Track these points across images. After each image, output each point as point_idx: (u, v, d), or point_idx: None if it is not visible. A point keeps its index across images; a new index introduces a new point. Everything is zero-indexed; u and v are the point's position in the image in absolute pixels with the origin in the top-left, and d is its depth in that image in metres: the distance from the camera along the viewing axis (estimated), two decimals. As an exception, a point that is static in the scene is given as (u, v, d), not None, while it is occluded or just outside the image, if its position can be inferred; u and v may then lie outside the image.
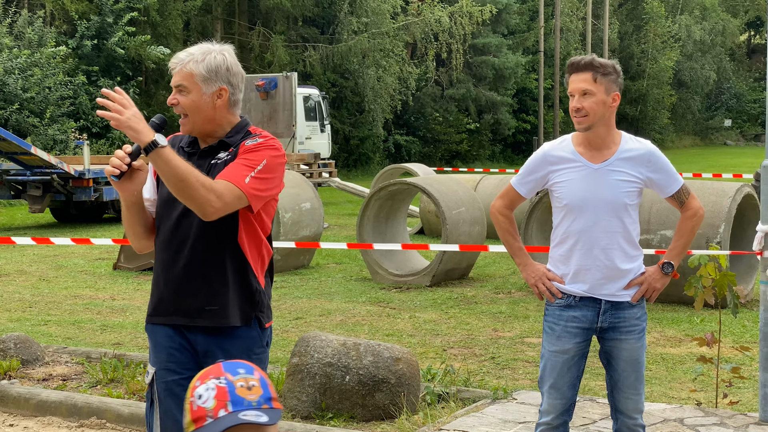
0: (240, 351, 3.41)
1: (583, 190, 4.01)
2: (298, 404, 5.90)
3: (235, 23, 38.74)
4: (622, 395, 4.11)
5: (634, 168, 4.04)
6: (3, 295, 11.01)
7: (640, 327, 4.09)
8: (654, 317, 9.22)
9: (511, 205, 4.28)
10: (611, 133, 4.06)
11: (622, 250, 4.05)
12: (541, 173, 4.14)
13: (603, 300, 4.04)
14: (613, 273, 4.03)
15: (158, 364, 3.46)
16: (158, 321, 3.48)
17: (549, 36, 49.15)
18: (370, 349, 5.90)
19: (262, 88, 25.26)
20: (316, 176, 23.03)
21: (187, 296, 3.41)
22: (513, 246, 4.26)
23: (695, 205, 4.19)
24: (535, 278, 4.15)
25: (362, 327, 8.98)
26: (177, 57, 3.45)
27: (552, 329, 4.12)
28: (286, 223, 12.41)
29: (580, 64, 4.01)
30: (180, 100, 3.41)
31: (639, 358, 4.09)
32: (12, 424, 6.17)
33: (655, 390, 6.67)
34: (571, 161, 4.06)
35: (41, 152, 18.20)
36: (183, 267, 3.40)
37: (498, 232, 4.32)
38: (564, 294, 4.09)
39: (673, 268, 4.12)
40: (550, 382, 4.12)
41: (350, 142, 38.74)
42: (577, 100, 4.00)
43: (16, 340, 7.39)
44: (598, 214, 4.01)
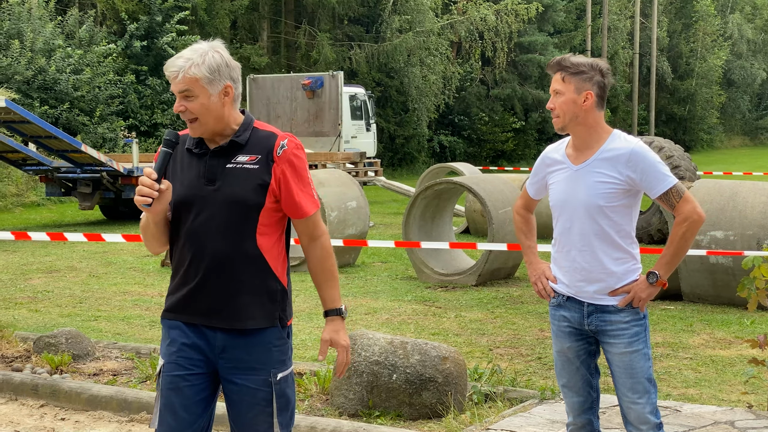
0: (260, 348, 3.43)
1: (563, 192, 4.03)
2: (345, 402, 5.92)
3: (281, 22, 38.92)
4: (622, 402, 4.03)
5: (614, 168, 3.93)
6: (54, 291, 11.16)
7: (629, 332, 3.97)
8: (704, 319, 9.13)
9: (526, 205, 4.35)
10: (593, 133, 3.97)
11: (602, 252, 3.96)
12: (542, 175, 4.20)
13: (585, 302, 4.03)
14: (590, 275, 3.98)
15: (167, 357, 3.47)
16: (175, 317, 3.48)
17: (596, 35, 48.80)
18: (417, 348, 5.90)
19: (308, 87, 25.37)
20: (361, 175, 23.06)
21: (206, 296, 3.41)
22: (524, 244, 4.34)
23: (687, 209, 3.95)
24: (535, 276, 4.21)
25: (408, 326, 8.99)
26: (174, 64, 3.37)
27: (552, 329, 4.20)
28: (332, 222, 12.45)
29: (551, 64, 3.98)
30: (187, 106, 3.37)
31: (632, 364, 3.97)
32: (63, 418, 6.26)
33: (705, 392, 6.60)
34: (560, 163, 4.07)
35: (91, 150, 18.42)
36: (202, 267, 3.39)
37: (515, 229, 4.44)
38: (556, 293, 4.13)
39: (659, 278, 3.95)
40: (562, 381, 4.17)
41: (395, 141, 38.75)
42: (550, 101, 3.99)
43: (67, 335, 7.49)
44: (574, 216, 3.99)
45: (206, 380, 3.47)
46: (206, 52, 3.38)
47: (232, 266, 3.39)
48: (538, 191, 4.26)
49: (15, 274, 12.56)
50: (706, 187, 10.16)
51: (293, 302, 3.79)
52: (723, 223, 9.62)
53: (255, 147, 3.43)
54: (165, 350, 3.49)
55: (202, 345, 3.43)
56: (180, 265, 3.45)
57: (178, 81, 3.35)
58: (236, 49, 35.35)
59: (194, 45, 3.43)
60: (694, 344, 8.10)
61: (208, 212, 3.36)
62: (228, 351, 3.42)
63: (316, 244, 3.52)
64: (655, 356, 7.62)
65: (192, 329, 3.44)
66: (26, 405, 6.52)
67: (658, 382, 6.84)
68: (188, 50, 3.40)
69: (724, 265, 9.62)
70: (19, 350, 7.66)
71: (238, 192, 3.36)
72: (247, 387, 3.42)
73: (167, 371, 3.45)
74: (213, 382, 3.49)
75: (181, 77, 3.33)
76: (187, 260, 3.41)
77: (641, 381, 3.97)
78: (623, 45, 51.18)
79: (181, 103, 3.37)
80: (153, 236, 3.48)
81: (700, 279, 9.86)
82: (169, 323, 3.49)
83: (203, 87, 3.35)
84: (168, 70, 3.37)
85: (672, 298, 10.12)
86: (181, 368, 3.43)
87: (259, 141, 3.44)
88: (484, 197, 11.44)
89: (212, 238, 3.37)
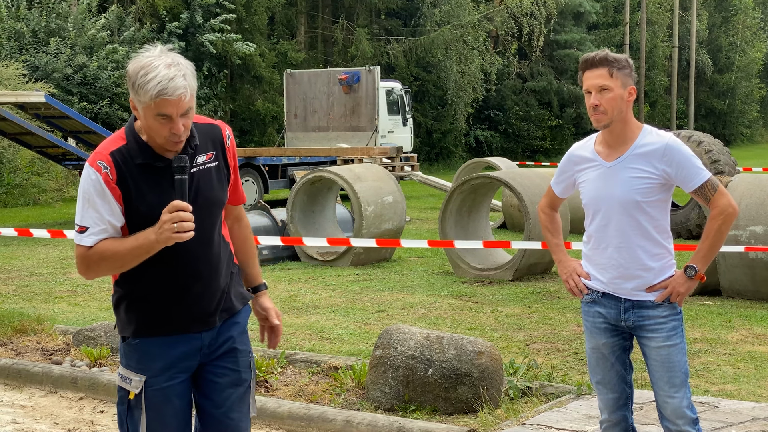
0: (242, 331, 3.53)
1: (597, 189, 4.01)
2: (381, 396, 5.93)
3: (318, 17, 38.99)
4: (659, 397, 4.03)
5: (649, 163, 3.93)
6: (93, 285, 11.27)
7: (667, 326, 3.99)
8: (743, 314, 9.04)
9: (551, 203, 4.33)
10: (627, 129, 3.98)
11: (640, 248, 3.97)
12: (569, 173, 4.18)
13: (622, 298, 4.03)
14: (628, 272, 3.99)
15: (150, 372, 3.35)
16: (165, 332, 3.36)
17: (635, 28, 48.42)
18: (453, 343, 5.90)
19: (344, 81, 25.39)
20: (398, 170, 23.04)
21: (205, 303, 3.38)
22: (551, 242, 4.32)
23: (723, 203, 3.97)
24: (566, 274, 4.19)
25: (444, 320, 8.99)
26: (173, 86, 3.12)
27: (585, 325, 4.18)
28: (368, 217, 12.46)
29: (595, 60, 3.92)
30: (185, 123, 3.21)
31: (671, 358, 3.99)
32: (102, 410, 6.33)
33: (744, 388, 6.54)
34: (591, 161, 4.05)
35: (130, 145, 18.57)
36: (196, 277, 3.34)
37: (541, 229, 4.43)
38: (589, 290, 4.11)
39: (697, 272, 3.97)
40: (597, 378, 4.17)
41: (432, 136, 38.73)
42: (594, 97, 3.91)
43: (106, 328, 7.56)
44: (610, 213, 3.98)
45: (189, 385, 3.46)
46: (181, 62, 3.21)
47: (219, 266, 3.41)
48: (565, 190, 4.25)
49: (55, 268, 12.71)
50: (745, 181, 10.05)
51: (330, 297, 3.82)
52: (763, 218, 9.52)
53: (206, 143, 3.37)
54: (143, 367, 3.37)
55: (188, 350, 3.39)
56: (159, 283, 3.33)
57: (186, 101, 3.17)
58: (273, 45, 35.49)
59: (163, 55, 3.20)
60: (732, 340, 8.03)
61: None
62: (215, 344, 3.44)
63: (242, 224, 3.64)
64: (693, 352, 7.56)
65: (177, 338, 3.37)
66: (65, 398, 6.60)
67: (697, 378, 6.79)
68: (167, 68, 3.16)
69: (763, 260, 9.52)
70: (59, 343, 7.75)
71: (213, 195, 3.36)
72: (233, 371, 3.47)
73: (155, 385, 3.35)
74: (192, 384, 3.48)
75: (189, 97, 3.18)
76: (173, 276, 3.32)
77: (678, 375, 3.98)
78: (662, 38, 50.73)
79: (182, 122, 3.19)
80: (138, 262, 3.25)
81: (739, 274, 9.77)
82: (148, 341, 3.37)
83: (193, 100, 3.24)
84: (168, 94, 3.12)
85: (711, 293, 10.03)
86: (171, 378, 3.38)
87: (206, 134, 3.38)
88: (520, 192, 11.40)
89: (200, 247, 3.32)
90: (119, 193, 3.22)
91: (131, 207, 3.24)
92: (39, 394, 6.72)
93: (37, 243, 15.34)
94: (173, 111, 3.15)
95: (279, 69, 32.48)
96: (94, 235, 3.23)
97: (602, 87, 3.89)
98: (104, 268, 3.27)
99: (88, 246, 3.24)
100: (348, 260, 12.50)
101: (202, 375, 3.46)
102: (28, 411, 6.37)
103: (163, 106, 3.14)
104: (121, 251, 3.21)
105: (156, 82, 3.12)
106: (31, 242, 15.47)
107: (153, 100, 3.13)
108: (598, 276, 4.07)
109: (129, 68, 3.22)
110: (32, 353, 7.53)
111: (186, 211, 3.15)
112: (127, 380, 3.38)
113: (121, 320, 3.42)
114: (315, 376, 6.65)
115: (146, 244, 3.19)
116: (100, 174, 3.21)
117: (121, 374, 3.42)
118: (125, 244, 3.22)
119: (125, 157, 3.24)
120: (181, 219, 3.13)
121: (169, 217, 3.14)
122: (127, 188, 3.22)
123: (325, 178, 12.92)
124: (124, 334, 3.42)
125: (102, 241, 3.24)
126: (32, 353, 7.53)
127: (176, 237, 3.14)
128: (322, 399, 6.17)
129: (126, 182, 3.23)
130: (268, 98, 33.94)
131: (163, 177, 3.25)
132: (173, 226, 3.13)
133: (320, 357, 7.04)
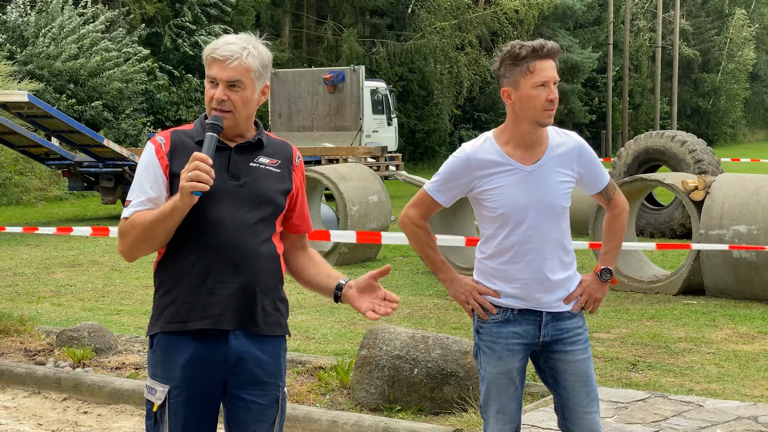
0: (273, 359, 3.28)
1: (519, 197, 3.58)
2: (367, 396, 5.92)
3: (303, 17, 38.94)
4: (575, 416, 3.69)
5: (567, 166, 3.64)
6: (76, 285, 11.22)
7: (583, 337, 3.71)
8: (726, 313, 9.07)
9: (426, 214, 3.78)
10: (543, 129, 3.64)
11: (560, 258, 3.66)
12: (465, 179, 3.65)
13: (543, 312, 3.65)
14: (551, 283, 3.64)
15: (173, 381, 3.17)
16: (186, 326, 3.16)
17: (618, 28, 48.58)
18: (438, 342, 5.90)
19: (329, 81, 25.38)
20: (383, 169, 23.05)
21: (232, 298, 3.18)
22: (435, 260, 3.78)
23: (622, 200, 3.79)
24: (465, 294, 3.70)
25: (429, 320, 8.98)
26: (227, 48, 3.10)
27: (491, 349, 3.69)
28: (353, 216, 12.45)
29: (551, 50, 3.55)
30: (231, 96, 3.12)
31: (588, 372, 3.69)
32: (86, 411, 6.29)
33: (728, 387, 6.56)
34: (501, 164, 3.60)
35: (113, 144, 18.54)
36: (229, 262, 3.16)
37: (414, 246, 3.87)
38: (500, 308, 3.67)
39: (612, 274, 3.74)
40: (496, 407, 3.71)
41: (416, 136, 38.73)
42: (552, 91, 3.55)
43: (89, 329, 7.52)
44: (538, 222, 3.59)
45: (215, 397, 3.24)
46: (257, 43, 3.16)
47: (257, 264, 3.19)
48: (454, 197, 3.74)
49: (38, 269, 12.64)
50: (729, 181, 10.09)
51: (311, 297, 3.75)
52: (746, 218, 9.56)
53: (275, 152, 3.28)
54: (168, 375, 3.18)
55: (212, 355, 3.17)
56: (193, 270, 3.15)
57: (230, 67, 3.10)
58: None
59: (238, 34, 3.19)
60: (716, 339, 8.06)
61: (232, 207, 3.15)
62: (241, 364, 3.19)
63: (307, 251, 3.45)
64: (677, 351, 7.59)
65: (204, 339, 3.16)
66: (49, 398, 6.57)
67: (681, 378, 6.81)
68: (237, 37, 3.14)
69: (747, 259, 9.56)
70: (42, 344, 7.71)
71: (265, 191, 3.21)
72: (256, 403, 3.24)
73: (179, 395, 3.17)
74: (219, 396, 3.26)
75: (236, 64, 3.09)
76: (206, 256, 3.14)
77: (594, 388, 3.72)
78: (648, 38, 50.91)
79: (225, 92, 3.12)
80: (165, 232, 3.12)
81: (722, 274, 9.80)
82: (173, 338, 3.18)
83: (252, 80, 3.14)
84: (218, 53, 3.10)
85: (694, 292, 10.06)
86: (191, 387, 3.18)
87: (277, 147, 3.30)
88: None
89: (238, 232, 3.15)
90: (167, 164, 3.15)
91: (175, 180, 3.11)
92: (22, 394, 6.68)
93: (20, 243, 15.26)
94: (219, 73, 3.10)
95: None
96: (134, 207, 3.15)
97: (556, 80, 3.57)
98: (134, 239, 3.13)
99: (125, 217, 3.16)
100: (333, 260, 12.48)
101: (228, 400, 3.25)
102: (11, 412, 6.33)
103: (212, 66, 3.12)
104: (149, 218, 3.09)
105: (216, 44, 3.14)
106: (14, 242, 15.39)
107: (207, 58, 3.13)
108: (512, 292, 3.65)
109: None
110: (15, 354, 7.49)
111: (204, 162, 3.01)
112: (152, 391, 3.22)
113: (151, 317, 3.26)
114: (300, 376, 6.63)
115: (169, 206, 3.07)
116: (154, 145, 3.19)
117: (147, 386, 3.25)
118: (153, 211, 3.11)
119: (187, 135, 3.23)
120: (197, 168, 3.00)
121: (186, 167, 3.02)
122: (176, 161, 3.14)
123: (310, 177, 12.90)
124: (150, 333, 3.25)
125: (139, 212, 3.14)
126: (15, 354, 7.49)
127: (190, 186, 2.99)
128: (307, 399, 6.15)
129: (177, 155, 3.16)
130: (252, 98, 33.88)
131: (216, 158, 3.13)
132: (188, 175, 3.00)
133: (305, 357, 7.02)
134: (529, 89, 3.53)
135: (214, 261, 3.15)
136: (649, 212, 15.22)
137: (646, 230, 15.13)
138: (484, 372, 3.73)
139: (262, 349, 3.23)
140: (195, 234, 3.14)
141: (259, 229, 3.21)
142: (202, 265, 3.15)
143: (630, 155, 15.95)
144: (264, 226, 3.22)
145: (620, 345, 7.84)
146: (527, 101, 3.55)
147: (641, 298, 9.97)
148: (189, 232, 3.14)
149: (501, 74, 3.63)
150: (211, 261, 3.15)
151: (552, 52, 3.55)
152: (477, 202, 3.70)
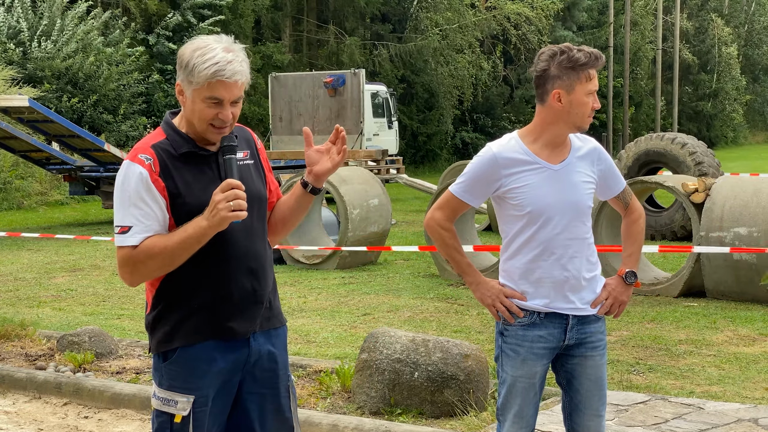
0: (282, 350, 3.37)
1: (546, 195, 3.58)
2: (367, 400, 5.92)
3: (303, 20, 38.96)
4: (583, 418, 3.70)
5: (589, 166, 3.68)
6: (78, 290, 11.23)
7: (604, 342, 3.72)
8: (727, 315, 9.07)
9: (453, 216, 3.75)
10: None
11: (587, 258, 3.66)
12: (494, 178, 3.63)
13: (570, 315, 3.64)
14: (578, 284, 3.64)
15: (199, 391, 3.15)
16: (214, 335, 3.15)
17: (619, 31, 48.58)
18: (439, 346, 5.90)
19: (330, 84, 25.39)
20: (383, 172, 23.07)
21: (253, 301, 3.21)
22: (461, 263, 3.74)
23: (638, 205, 3.82)
24: (492, 298, 3.67)
25: (430, 323, 8.98)
26: (230, 69, 3.02)
27: (515, 352, 3.66)
28: (354, 219, 12.45)
29: (600, 60, 3.58)
30: (233, 111, 3.09)
31: (603, 376, 3.72)
32: (87, 416, 6.29)
33: (729, 390, 6.56)
34: (528, 163, 3.61)
35: (114, 149, 18.54)
36: (245, 271, 3.18)
37: (441, 249, 3.80)
38: (526, 312, 3.65)
39: (636, 277, 3.75)
40: (515, 409, 3.68)
41: (418, 139, 38.74)
42: (597, 100, 3.62)
43: (90, 333, 7.53)
44: (565, 220, 3.60)
45: (233, 398, 3.28)
46: (239, 49, 3.10)
47: (267, 266, 3.26)
48: (482, 198, 3.72)
49: (39, 273, 12.65)
50: (729, 183, 10.09)
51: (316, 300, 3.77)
52: (746, 220, 9.55)
53: (240, 142, 3.22)
54: (193, 385, 3.15)
55: (241, 358, 3.20)
56: (208, 282, 3.13)
57: (237, 86, 3.06)
58: (259, 47, 35.43)
59: (223, 38, 3.10)
60: (717, 341, 8.05)
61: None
62: (259, 362, 3.25)
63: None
64: (678, 353, 7.59)
65: (226, 345, 3.17)
66: (49, 403, 6.57)
67: (682, 380, 6.81)
68: (225, 51, 3.05)
69: (747, 261, 9.56)
70: (43, 348, 7.71)
71: (256, 190, 3.23)
72: (273, 396, 3.30)
73: (202, 405, 3.15)
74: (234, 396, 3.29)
75: (242, 82, 3.07)
76: (225, 265, 3.13)
77: (605, 395, 3.76)
78: (650, 40, 50.92)
79: (231, 110, 3.08)
80: (189, 256, 3.06)
81: (723, 276, 9.80)
82: (194, 350, 3.15)
83: (242, 90, 3.13)
84: (224, 76, 3.02)
85: (695, 295, 10.06)
86: (219, 395, 3.18)
87: (238, 134, 3.24)
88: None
89: (249, 237, 3.17)
90: (163, 186, 3.05)
91: (176, 201, 3.06)
92: (23, 399, 6.68)
93: (21, 247, 15.27)
94: (226, 95, 3.04)
95: (264, 72, 32.43)
96: (139, 233, 3.02)
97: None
98: (152, 268, 3.04)
99: (133, 245, 3.03)
100: (334, 263, 12.49)
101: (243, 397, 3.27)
102: (12, 417, 6.33)
103: (217, 88, 3.02)
104: (171, 245, 3.00)
105: (213, 62, 3.00)
106: (15, 246, 15.39)
107: (207, 80, 3.00)
108: (538, 294, 3.64)
109: (183, 49, 3.11)
110: (16, 358, 7.49)
111: (240, 190, 2.97)
112: (170, 402, 3.14)
113: (162, 333, 3.17)
114: (301, 379, 6.63)
115: (197, 232, 2.99)
116: (143, 166, 3.05)
117: (161, 397, 3.17)
118: (174, 238, 3.01)
119: (167, 149, 3.10)
120: (237, 197, 2.95)
121: (223, 196, 2.95)
122: (172, 180, 3.06)
123: (311, 181, 12.89)
124: (165, 349, 3.17)
125: (148, 238, 3.02)
126: (16, 358, 7.49)
127: (232, 216, 2.95)
128: (307, 403, 6.15)
129: (170, 174, 3.06)
130: (253, 101, 33.87)
131: (208, 166, 3.12)
132: (229, 205, 2.94)
133: (306, 360, 7.02)
134: (582, 95, 3.58)
135: (234, 269, 3.15)
136: (649, 214, 15.22)
137: (647, 232, 15.13)
138: (505, 375, 3.71)
139: (274, 343, 3.31)
140: (211, 245, 3.08)
141: (260, 229, 3.27)
142: (223, 275, 3.14)
143: (630, 157, 15.96)
144: (262, 225, 3.29)
145: (621, 347, 7.84)
146: (578, 106, 3.59)
147: (642, 300, 9.97)
148: (204, 245, 3.09)
149: (553, 75, 3.62)
150: (231, 270, 3.14)
151: (602, 63, 3.61)
152: (502, 201, 3.68)
